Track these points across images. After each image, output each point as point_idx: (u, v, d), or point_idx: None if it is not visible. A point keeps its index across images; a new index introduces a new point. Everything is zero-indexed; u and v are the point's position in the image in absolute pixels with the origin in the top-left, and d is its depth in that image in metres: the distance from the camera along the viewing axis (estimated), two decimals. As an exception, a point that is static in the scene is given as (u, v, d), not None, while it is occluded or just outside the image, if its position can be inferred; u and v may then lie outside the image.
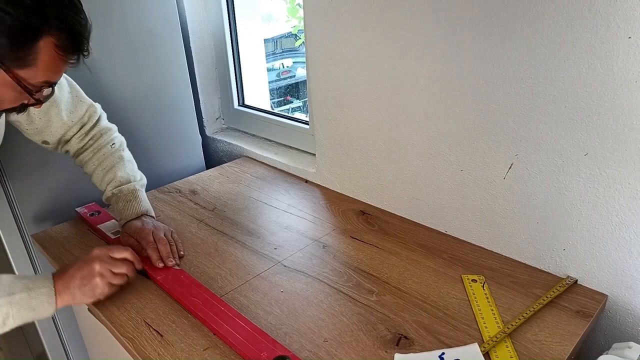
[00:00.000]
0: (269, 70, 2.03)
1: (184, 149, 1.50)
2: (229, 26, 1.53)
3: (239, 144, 1.56)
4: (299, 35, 2.14)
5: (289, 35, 2.41)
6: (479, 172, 0.94)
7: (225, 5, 1.50)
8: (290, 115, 1.50)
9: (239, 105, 1.64)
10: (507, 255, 0.96)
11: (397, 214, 1.14)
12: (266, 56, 1.70)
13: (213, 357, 0.75)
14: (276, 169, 1.43)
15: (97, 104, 1.08)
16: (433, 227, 1.08)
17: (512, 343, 0.74)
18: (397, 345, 0.76)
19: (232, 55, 1.57)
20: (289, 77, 2.59)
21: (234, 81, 1.61)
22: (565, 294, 0.85)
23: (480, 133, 0.91)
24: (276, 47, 2.50)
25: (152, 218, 1.05)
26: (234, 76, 1.60)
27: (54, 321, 1.32)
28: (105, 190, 1.06)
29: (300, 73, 2.54)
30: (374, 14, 0.99)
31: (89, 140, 1.06)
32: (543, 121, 0.82)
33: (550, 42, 0.77)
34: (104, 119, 1.10)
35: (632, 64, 0.70)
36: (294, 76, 2.58)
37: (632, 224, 0.78)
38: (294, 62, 2.57)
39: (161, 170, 1.45)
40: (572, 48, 0.75)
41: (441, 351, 0.74)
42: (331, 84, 1.15)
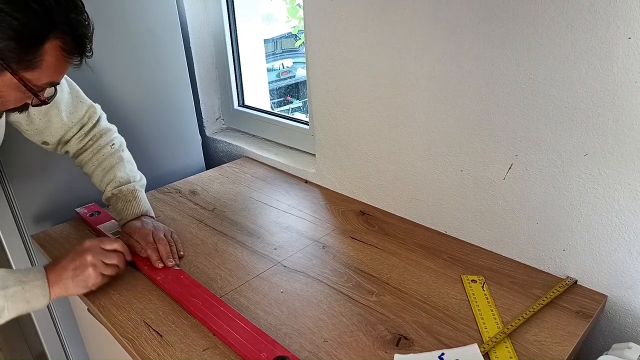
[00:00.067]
0: (269, 70, 2.03)
1: (183, 149, 1.50)
2: (229, 26, 1.53)
3: (239, 145, 1.56)
4: (299, 36, 2.15)
5: (289, 35, 2.41)
6: (479, 172, 0.94)
7: (225, 6, 1.50)
8: (290, 116, 1.50)
9: (239, 106, 1.64)
10: (507, 256, 0.96)
11: (397, 214, 1.14)
12: (266, 56, 1.70)
13: (213, 357, 0.75)
14: (276, 169, 1.43)
15: (97, 105, 1.08)
16: (433, 228, 1.08)
17: (512, 343, 0.74)
18: (397, 345, 0.76)
19: (232, 55, 1.57)
20: (289, 78, 2.59)
21: (234, 81, 1.61)
22: (565, 294, 0.85)
23: (480, 133, 0.91)
24: (276, 47, 2.50)
25: (152, 218, 1.05)
26: (234, 76, 1.60)
27: (53, 321, 1.32)
28: (105, 191, 1.06)
29: (300, 73, 2.55)
30: (374, 14, 0.99)
31: (89, 140, 1.06)
32: (543, 121, 0.82)
33: (550, 43, 0.77)
34: (103, 119, 1.10)
35: (632, 64, 0.70)
36: (294, 76, 2.59)
37: (632, 224, 0.78)
38: (294, 63, 2.57)
39: (161, 171, 1.45)
40: (572, 48, 0.75)
41: (441, 351, 0.74)
42: (331, 84, 1.15)
